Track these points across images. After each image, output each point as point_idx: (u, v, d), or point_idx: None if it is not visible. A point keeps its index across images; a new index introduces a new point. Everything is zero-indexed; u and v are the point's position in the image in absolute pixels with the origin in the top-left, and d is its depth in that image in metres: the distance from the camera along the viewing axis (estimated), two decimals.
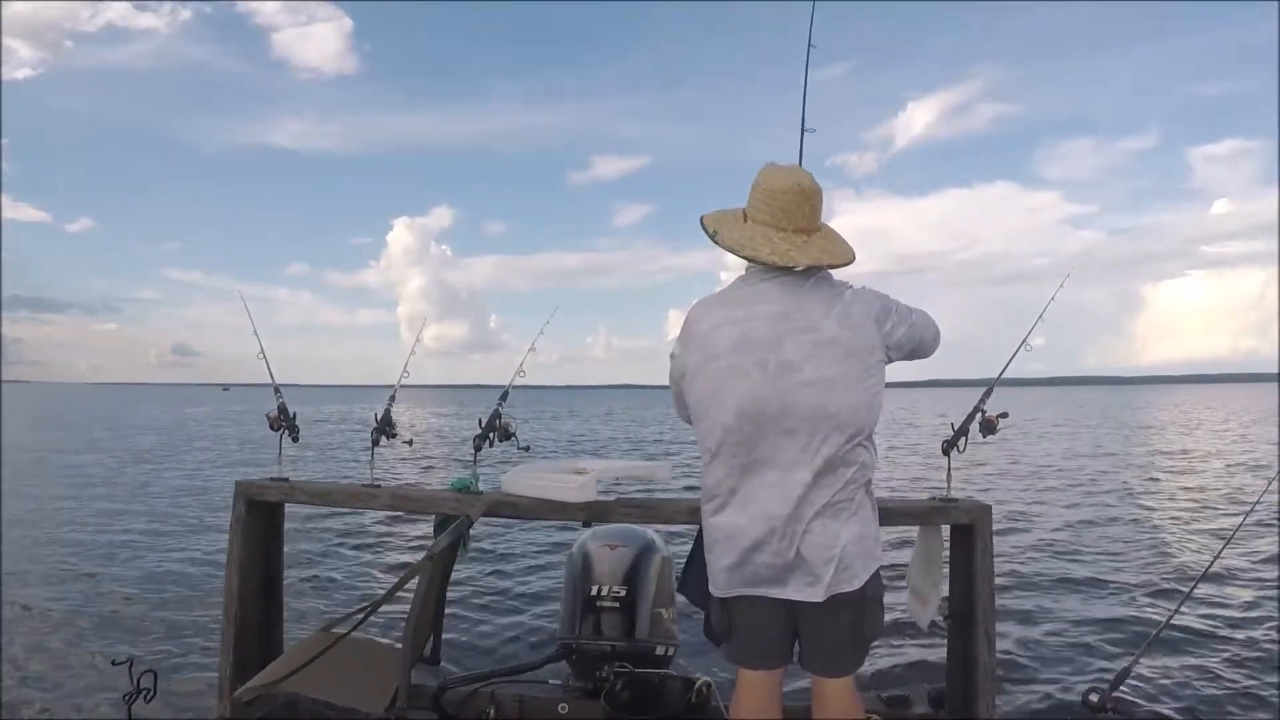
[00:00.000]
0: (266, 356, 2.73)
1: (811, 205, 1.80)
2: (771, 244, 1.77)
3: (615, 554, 2.72)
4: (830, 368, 1.71)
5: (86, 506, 9.81)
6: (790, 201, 1.78)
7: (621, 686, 2.45)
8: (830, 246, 1.81)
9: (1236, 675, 4.04)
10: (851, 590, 1.75)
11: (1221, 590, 5.52)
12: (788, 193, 1.78)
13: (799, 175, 1.83)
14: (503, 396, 2.72)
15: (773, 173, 1.83)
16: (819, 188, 1.82)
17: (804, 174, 1.84)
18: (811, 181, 1.81)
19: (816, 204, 1.81)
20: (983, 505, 2.38)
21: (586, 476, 2.35)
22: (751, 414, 1.73)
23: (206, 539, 7.48)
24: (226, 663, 2.52)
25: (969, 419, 2.41)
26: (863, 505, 1.78)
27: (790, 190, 1.78)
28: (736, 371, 1.75)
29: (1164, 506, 10.01)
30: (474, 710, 2.58)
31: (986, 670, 2.33)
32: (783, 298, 1.77)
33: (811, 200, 1.80)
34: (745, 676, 1.92)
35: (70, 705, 3.58)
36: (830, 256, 1.80)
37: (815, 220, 1.82)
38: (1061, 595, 5.64)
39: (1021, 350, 2.50)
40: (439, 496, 2.53)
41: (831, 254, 1.80)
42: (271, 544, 2.68)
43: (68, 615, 5.04)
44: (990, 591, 2.34)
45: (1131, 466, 15.03)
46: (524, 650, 4.41)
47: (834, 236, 1.86)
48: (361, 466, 13.61)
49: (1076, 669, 4.14)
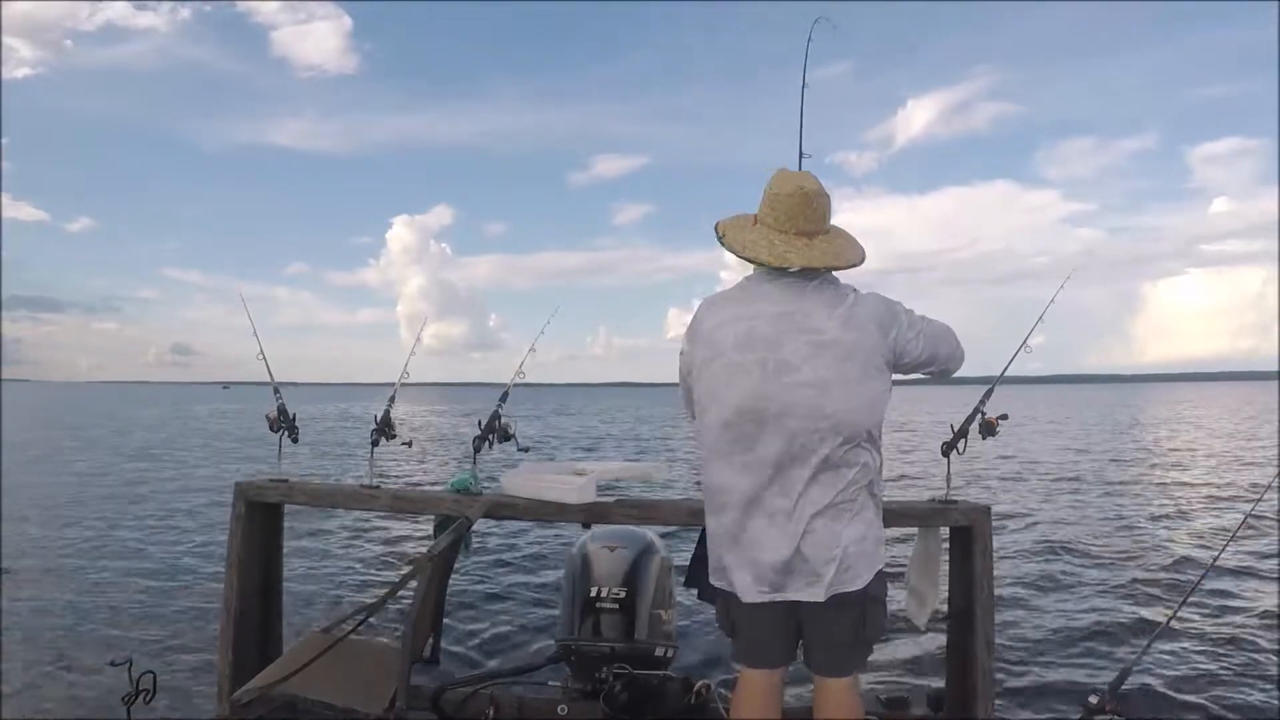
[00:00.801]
0: (266, 357, 2.74)
1: (814, 208, 1.81)
2: (771, 246, 1.81)
3: (615, 555, 2.72)
4: (828, 369, 1.72)
5: (86, 506, 9.80)
6: (793, 205, 1.81)
7: (621, 688, 2.45)
8: (832, 249, 1.82)
9: (1238, 675, 4.04)
10: (853, 590, 1.76)
11: (1223, 590, 5.51)
12: (791, 196, 1.81)
13: (803, 179, 1.85)
14: (502, 397, 2.72)
15: (780, 177, 1.86)
16: (824, 191, 1.83)
17: (810, 178, 1.86)
18: (816, 186, 1.83)
19: (820, 207, 1.82)
20: (982, 507, 2.39)
21: (586, 478, 2.36)
22: (751, 412, 1.75)
23: (206, 539, 7.48)
24: (226, 664, 2.53)
25: (969, 420, 2.41)
26: (865, 506, 1.78)
27: (793, 194, 1.81)
28: (738, 369, 1.77)
29: (1164, 505, 10.00)
30: (473, 711, 2.58)
31: (985, 671, 2.33)
32: (786, 299, 1.79)
33: (813, 203, 1.81)
34: (746, 676, 1.92)
35: (70, 706, 3.58)
36: (830, 259, 1.81)
37: (819, 223, 1.83)
38: (1061, 596, 5.64)
39: (1021, 350, 2.51)
40: (438, 497, 2.54)
41: (833, 256, 1.81)
42: (271, 545, 2.68)
43: (67, 615, 5.03)
44: (989, 593, 2.34)
45: (1131, 465, 15.02)
46: (523, 651, 4.40)
47: (841, 239, 1.86)
48: (361, 464, 13.62)
49: (1076, 670, 4.13)
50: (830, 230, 1.86)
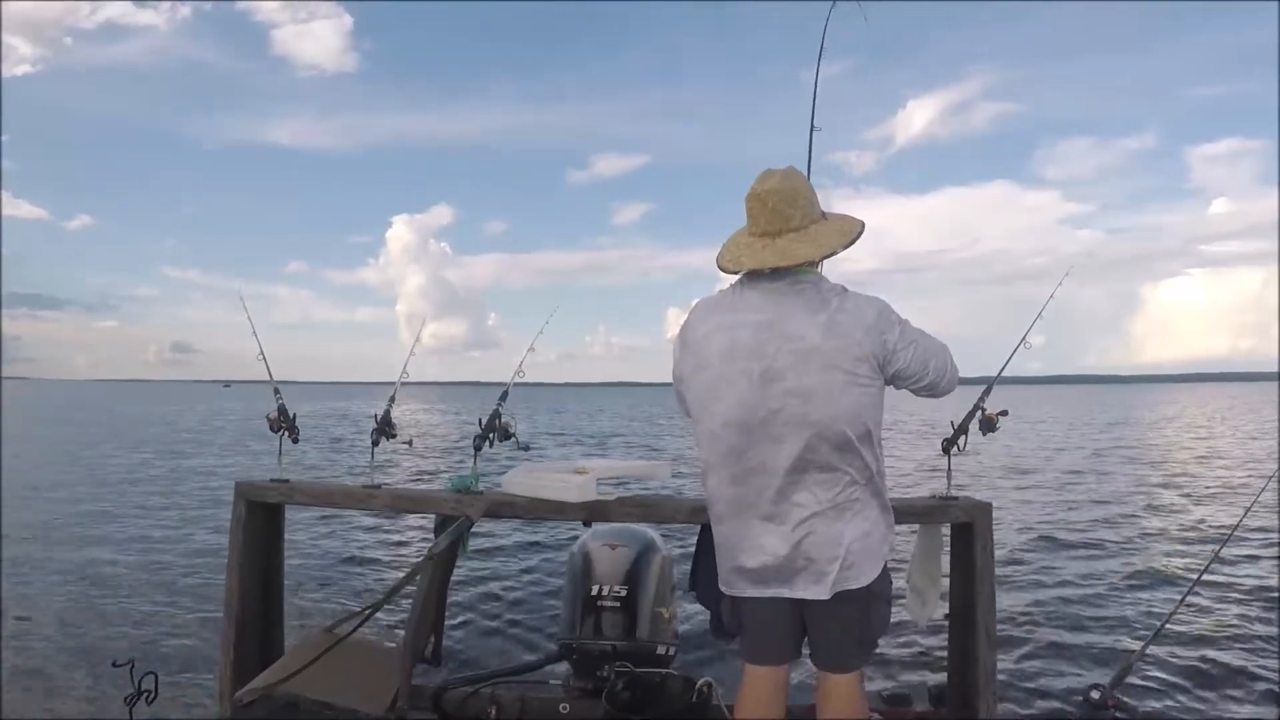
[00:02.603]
0: (265, 356, 2.73)
1: (771, 208, 1.75)
2: (732, 251, 1.81)
3: (616, 554, 2.72)
4: (810, 377, 1.69)
5: (86, 505, 9.79)
6: (752, 207, 1.79)
7: (622, 686, 2.45)
8: (791, 249, 1.74)
9: (1237, 673, 4.04)
10: (857, 588, 1.76)
11: (1222, 588, 5.52)
12: (750, 198, 1.80)
13: (764, 179, 1.79)
14: (502, 396, 2.72)
15: (756, 180, 1.82)
16: (788, 188, 1.76)
17: (772, 176, 1.80)
18: (772, 184, 1.77)
19: (778, 206, 1.75)
20: (983, 504, 2.39)
21: (586, 476, 2.35)
22: (738, 423, 1.74)
23: (207, 539, 7.47)
24: (227, 664, 2.52)
25: (969, 417, 2.41)
26: (868, 504, 1.77)
27: (751, 196, 1.79)
28: (724, 380, 1.76)
29: (1164, 503, 10.02)
30: (474, 710, 2.58)
31: (986, 668, 2.33)
32: (767, 305, 1.76)
33: (769, 203, 1.75)
34: (751, 672, 1.92)
35: (71, 707, 3.58)
36: (777, 258, 1.74)
37: (780, 223, 1.76)
38: (1062, 592, 5.64)
39: (1020, 349, 2.50)
40: (439, 497, 2.53)
41: (780, 255, 1.74)
42: (271, 545, 2.68)
43: (69, 616, 5.03)
44: (990, 590, 2.34)
45: (1131, 464, 15.04)
46: (524, 650, 4.40)
47: (808, 236, 1.77)
48: (361, 461, 13.61)
49: (1077, 667, 4.14)
50: (807, 227, 1.77)
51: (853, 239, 1.79)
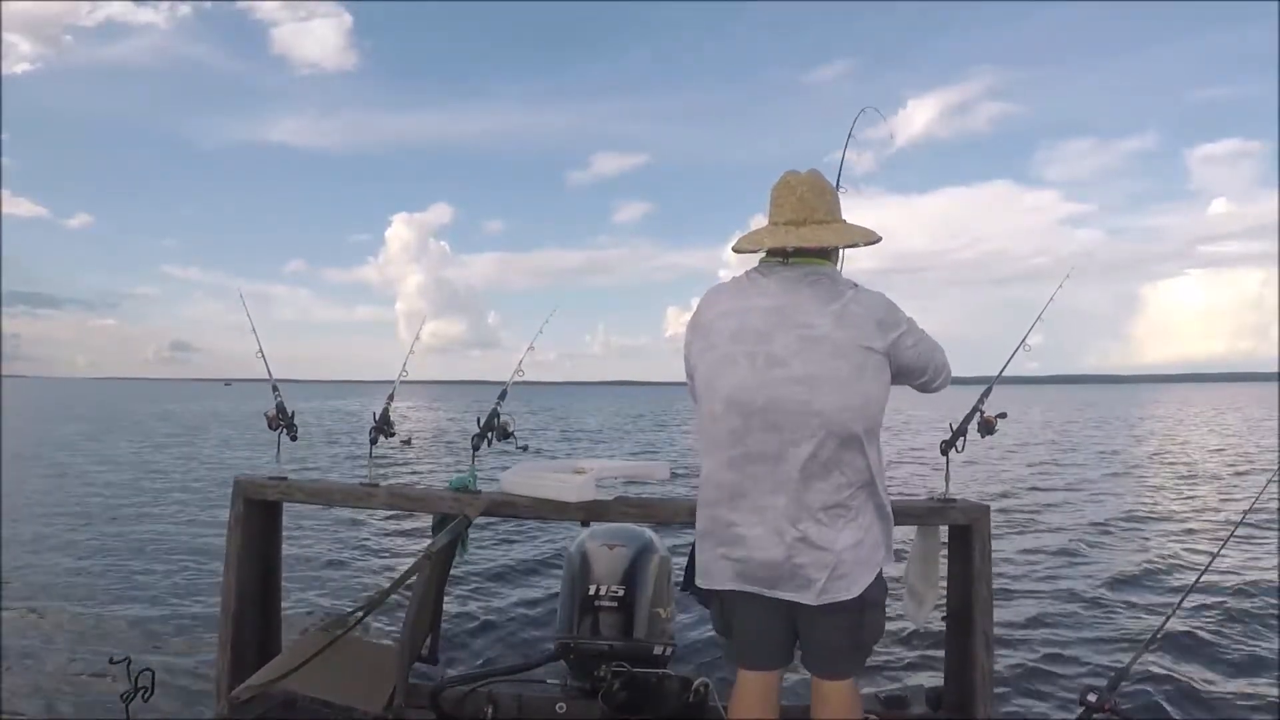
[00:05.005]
0: (265, 355, 2.73)
1: (800, 197, 1.80)
2: (753, 236, 1.84)
3: (613, 553, 2.71)
4: (817, 365, 1.69)
5: (85, 504, 9.79)
6: (778, 195, 1.84)
7: (619, 686, 2.45)
8: (810, 235, 1.78)
9: (1235, 675, 4.05)
10: (849, 599, 1.72)
11: (1220, 589, 5.51)
12: (778, 187, 1.85)
13: (792, 173, 1.86)
14: (501, 395, 2.72)
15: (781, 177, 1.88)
16: (814, 181, 1.83)
17: (799, 173, 1.86)
18: (804, 176, 1.84)
19: (807, 195, 1.80)
20: (981, 506, 2.38)
21: (585, 476, 2.35)
22: (738, 405, 1.74)
23: (205, 536, 7.47)
24: (224, 661, 2.52)
25: (967, 419, 2.41)
26: (863, 509, 1.75)
27: (778, 185, 1.85)
28: (728, 360, 1.77)
29: (1162, 505, 10.01)
30: (472, 709, 2.58)
31: (984, 671, 2.33)
32: (780, 292, 1.77)
33: (798, 192, 1.81)
34: (744, 677, 1.91)
35: (68, 704, 3.57)
36: (797, 240, 1.77)
37: (806, 213, 1.79)
38: (1059, 595, 5.63)
39: (1020, 349, 2.51)
40: (437, 495, 2.53)
41: (802, 239, 1.77)
42: (270, 542, 2.68)
43: (65, 614, 5.02)
44: (988, 592, 2.34)
45: (1129, 465, 15.04)
46: (522, 649, 4.40)
47: (830, 228, 1.82)
48: (360, 459, 13.61)
49: (1075, 669, 4.13)
50: (830, 222, 1.82)
51: (872, 240, 1.86)
